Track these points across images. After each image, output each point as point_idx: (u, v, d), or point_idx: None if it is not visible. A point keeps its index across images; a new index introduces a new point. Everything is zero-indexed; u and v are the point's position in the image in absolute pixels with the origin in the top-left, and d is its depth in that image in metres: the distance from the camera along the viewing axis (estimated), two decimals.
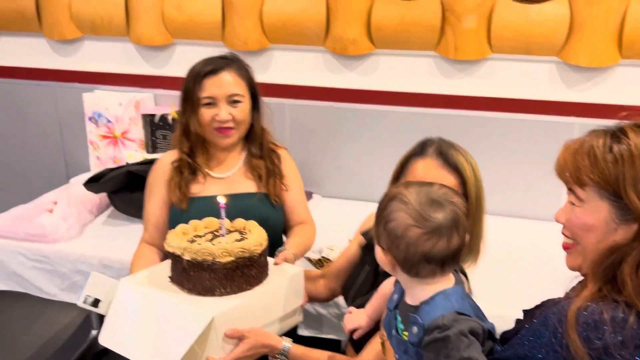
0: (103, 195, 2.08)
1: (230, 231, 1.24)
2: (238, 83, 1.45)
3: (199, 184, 1.49)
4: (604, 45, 1.90)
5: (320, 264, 1.75)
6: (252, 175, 1.52)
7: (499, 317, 1.01)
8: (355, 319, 1.11)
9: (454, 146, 1.17)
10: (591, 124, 0.95)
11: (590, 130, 0.93)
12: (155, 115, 2.33)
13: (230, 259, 1.12)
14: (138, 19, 2.35)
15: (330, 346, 1.73)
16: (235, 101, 1.44)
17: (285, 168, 1.56)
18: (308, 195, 2.02)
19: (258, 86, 1.52)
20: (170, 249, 1.17)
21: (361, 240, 1.36)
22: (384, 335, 1.03)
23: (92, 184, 1.97)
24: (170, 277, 1.20)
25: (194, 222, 1.27)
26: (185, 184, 1.46)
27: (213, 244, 1.14)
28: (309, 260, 1.75)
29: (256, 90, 1.51)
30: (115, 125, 2.39)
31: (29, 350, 2.31)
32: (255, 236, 1.20)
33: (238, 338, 1.13)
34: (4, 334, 2.42)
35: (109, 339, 1.18)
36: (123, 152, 2.39)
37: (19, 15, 2.47)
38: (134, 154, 2.33)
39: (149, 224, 1.51)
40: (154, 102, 2.46)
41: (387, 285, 1.09)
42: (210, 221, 1.28)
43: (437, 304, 0.87)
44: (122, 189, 1.99)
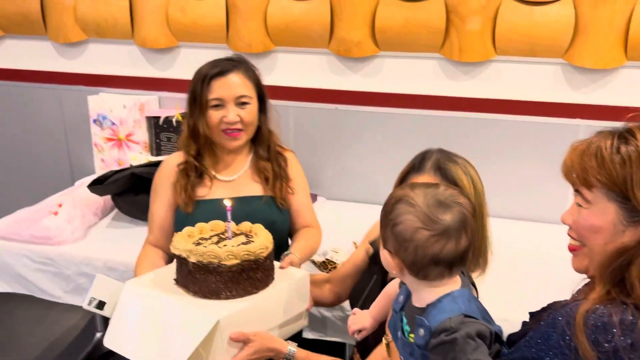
0: (107, 198, 2.08)
1: (237, 234, 1.24)
2: (246, 85, 1.45)
3: (205, 187, 1.48)
4: (609, 46, 1.89)
5: (325, 266, 1.74)
6: (259, 178, 1.51)
7: (504, 320, 1.00)
8: (360, 320, 1.11)
9: (452, 159, 1.15)
10: (596, 125, 0.95)
11: (597, 132, 0.92)
12: (159, 117, 2.33)
13: (235, 261, 1.12)
14: (143, 22, 2.35)
15: (335, 349, 1.73)
16: (243, 103, 1.44)
17: (291, 171, 1.55)
18: (312, 197, 2.02)
19: (266, 88, 1.52)
20: (176, 252, 1.17)
21: (369, 248, 1.35)
22: (389, 337, 1.03)
23: (97, 186, 1.97)
24: (175, 280, 1.20)
25: (200, 225, 1.27)
26: (192, 187, 1.46)
27: (219, 247, 1.14)
28: (313, 262, 1.75)
29: (263, 92, 1.51)
30: (120, 127, 2.40)
31: (33, 352, 2.32)
32: (261, 239, 1.19)
33: (243, 341, 1.12)
34: (9, 336, 2.43)
35: (113, 341, 1.18)
36: (127, 155, 2.40)
37: (24, 18, 2.48)
38: (138, 156, 2.34)
39: (153, 225, 1.51)
40: (159, 105, 2.47)
41: (392, 287, 1.08)
42: (216, 224, 1.28)
43: (444, 306, 0.87)
44: (127, 191, 2.00)
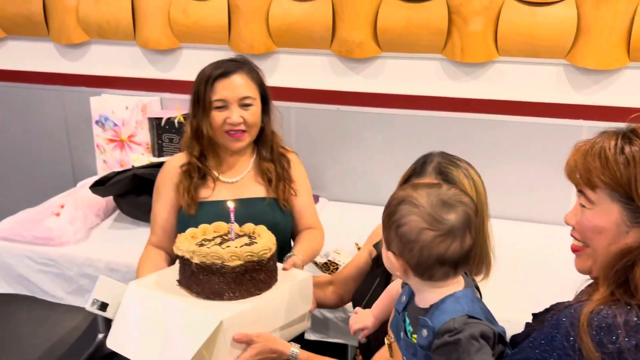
0: (109, 199, 2.08)
1: (240, 235, 1.24)
2: (249, 86, 1.45)
3: (208, 188, 1.48)
4: (612, 47, 1.89)
5: (327, 267, 1.74)
6: (262, 179, 1.51)
7: (507, 321, 1.00)
8: (362, 319, 1.11)
9: (454, 162, 1.15)
10: (599, 126, 0.94)
11: (601, 132, 0.92)
12: (161, 118, 2.33)
13: (239, 262, 1.12)
14: (145, 23, 2.36)
15: (337, 350, 1.73)
16: (247, 104, 1.44)
17: (294, 173, 1.55)
18: (314, 198, 2.02)
19: (269, 90, 1.52)
20: (179, 252, 1.17)
21: (372, 250, 1.35)
22: (391, 337, 1.02)
23: (99, 187, 1.97)
24: (178, 281, 1.20)
25: (203, 226, 1.27)
26: (195, 189, 1.46)
27: (222, 248, 1.14)
28: (315, 263, 1.74)
29: (267, 93, 1.51)
30: (122, 128, 2.40)
31: (36, 353, 2.32)
32: (264, 241, 1.19)
33: (246, 343, 1.12)
34: (11, 337, 2.43)
35: (116, 342, 1.18)
36: (130, 156, 2.40)
37: (26, 19, 2.49)
38: (140, 157, 2.34)
39: (156, 226, 1.51)
40: (161, 106, 2.47)
41: (395, 286, 1.08)
42: (219, 225, 1.28)
43: (448, 307, 0.87)
44: (129, 192, 2.00)
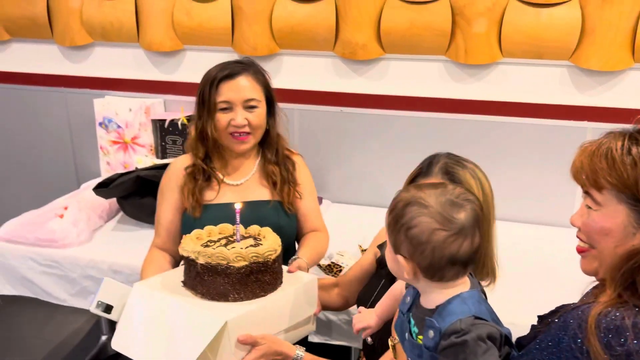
0: (113, 201, 2.08)
1: (245, 237, 1.24)
2: (254, 88, 1.45)
3: (213, 190, 1.48)
4: (616, 48, 1.89)
5: (330, 269, 1.74)
6: (267, 182, 1.50)
7: (511, 324, 0.99)
8: (365, 319, 1.11)
9: (460, 162, 1.15)
10: (604, 128, 0.94)
11: (607, 132, 0.92)
12: (165, 120, 2.33)
13: (244, 263, 1.11)
14: (148, 25, 2.36)
15: (340, 353, 1.72)
16: (252, 106, 1.43)
17: (299, 175, 1.54)
18: (318, 200, 2.02)
19: (274, 92, 1.51)
20: (184, 253, 1.17)
21: (377, 252, 1.35)
22: (395, 338, 1.02)
23: (102, 189, 1.97)
24: (183, 282, 1.20)
25: (209, 228, 1.26)
26: (199, 191, 1.45)
27: (227, 249, 1.14)
28: (319, 265, 1.74)
29: (272, 96, 1.50)
30: (126, 130, 2.40)
31: (39, 355, 2.32)
32: (270, 242, 1.19)
33: (251, 344, 1.11)
34: (15, 338, 2.43)
35: (121, 343, 1.18)
36: (133, 158, 2.40)
37: (30, 21, 2.49)
38: (143, 159, 2.34)
39: (160, 228, 1.51)
40: (164, 108, 2.47)
41: (398, 286, 1.08)
42: (224, 227, 1.28)
43: (455, 308, 0.86)
44: (132, 194, 2.00)
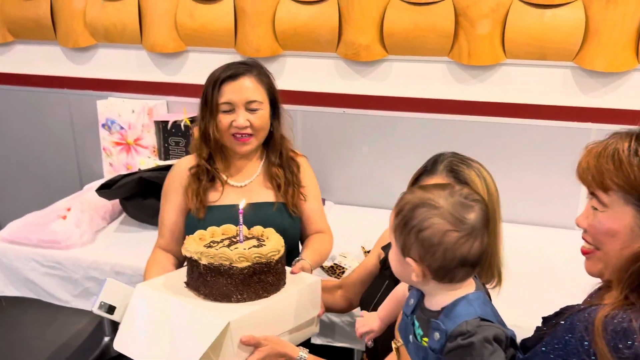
0: (116, 202, 2.08)
1: (248, 238, 1.24)
2: (257, 89, 1.43)
3: (217, 192, 1.47)
4: (620, 49, 1.88)
5: (333, 271, 1.73)
6: (271, 184, 1.50)
7: (513, 326, 0.99)
8: (368, 323, 1.10)
9: (465, 161, 1.14)
10: (608, 129, 0.93)
11: (614, 133, 0.91)
12: (168, 122, 2.34)
13: (246, 264, 1.11)
14: (151, 27, 2.36)
15: (343, 355, 1.72)
16: (254, 108, 1.42)
17: (304, 177, 1.54)
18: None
19: (279, 93, 1.50)
20: (187, 254, 1.17)
21: (381, 253, 1.34)
22: (399, 341, 1.01)
23: (105, 190, 1.97)
24: (186, 283, 1.19)
25: (212, 229, 1.26)
26: (203, 192, 1.45)
27: (230, 250, 1.14)
28: (321, 267, 1.74)
29: (276, 98, 1.49)
30: (128, 132, 2.40)
31: (42, 356, 2.32)
32: (273, 243, 1.19)
33: (254, 345, 1.11)
34: (18, 339, 2.43)
35: (123, 344, 1.17)
36: (136, 159, 2.40)
37: (34, 23, 2.50)
38: (146, 160, 2.34)
39: (164, 229, 1.50)
40: (167, 109, 2.47)
41: (401, 289, 1.07)
42: (228, 228, 1.27)
43: (460, 309, 0.86)
44: (135, 195, 2.00)
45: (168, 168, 1.60)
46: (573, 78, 2.00)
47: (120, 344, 1.18)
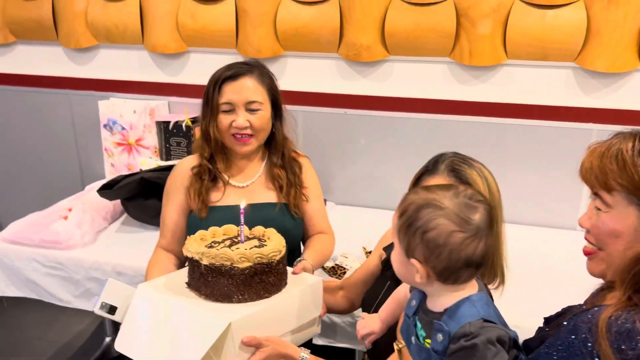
0: (117, 202, 2.08)
1: (249, 238, 1.24)
2: (258, 90, 1.43)
3: (219, 192, 1.47)
4: (622, 50, 1.88)
5: (334, 271, 1.73)
6: (273, 185, 1.50)
7: (516, 327, 0.98)
8: (369, 324, 1.09)
9: (467, 161, 1.14)
10: (609, 130, 0.93)
11: (617, 133, 0.91)
12: (169, 122, 2.34)
13: (248, 264, 1.11)
14: (153, 27, 2.37)
15: (345, 355, 1.72)
16: (254, 109, 1.42)
17: (306, 178, 1.53)
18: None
19: (281, 94, 1.50)
20: (188, 254, 1.16)
21: (382, 254, 1.34)
22: (401, 342, 1.01)
23: (106, 190, 1.97)
24: (187, 283, 1.19)
25: (213, 229, 1.26)
26: (206, 192, 1.45)
27: (231, 250, 1.13)
28: (323, 267, 1.73)
29: (278, 98, 1.48)
30: (130, 132, 2.41)
31: (43, 356, 2.32)
32: (274, 243, 1.19)
33: (255, 346, 1.11)
34: (19, 340, 2.43)
35: (124, 344, 1.17)
36: (137, 159, 2.40)
37: (35, 24, 2.50)
38: (148, 161, 2.34)
39: (165, 229, 1.50)
40: (168, 110, 2.47)
41: (402, 290, 1.07)
42: (229, 228, 1.27)
43: (464, 311, 0.85)
44: (136, 196, 2.00)
45: (169, 168, 1.60)
46: (574, 78, 2.00)
47: (121, 345, 1.17)
